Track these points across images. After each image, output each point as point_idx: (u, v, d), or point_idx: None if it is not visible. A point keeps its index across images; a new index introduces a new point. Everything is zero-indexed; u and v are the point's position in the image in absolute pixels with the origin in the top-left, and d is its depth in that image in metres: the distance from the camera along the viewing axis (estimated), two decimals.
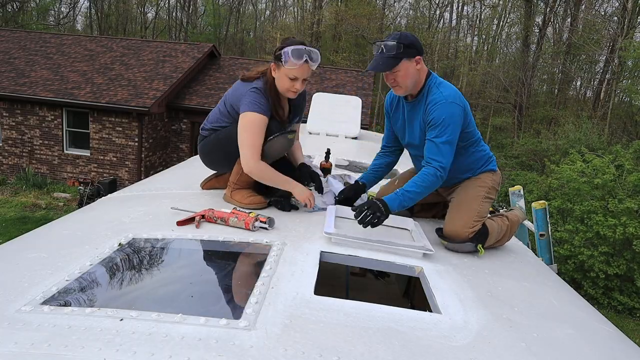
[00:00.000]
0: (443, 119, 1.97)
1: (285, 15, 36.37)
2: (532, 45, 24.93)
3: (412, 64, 2.01)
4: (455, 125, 2.00)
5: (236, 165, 2.25)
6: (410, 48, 1.99)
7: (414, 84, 2.06)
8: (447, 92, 2.01)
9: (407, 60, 2.00)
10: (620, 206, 7.87)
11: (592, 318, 1.71)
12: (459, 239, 2.02)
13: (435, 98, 2.01)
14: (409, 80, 2.03)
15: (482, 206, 2.12)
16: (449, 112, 1.98)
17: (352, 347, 1.14)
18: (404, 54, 1.98)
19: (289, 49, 2.03)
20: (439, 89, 2.03)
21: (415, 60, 2.02)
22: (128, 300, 1.46)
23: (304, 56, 2.03)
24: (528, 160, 16.87)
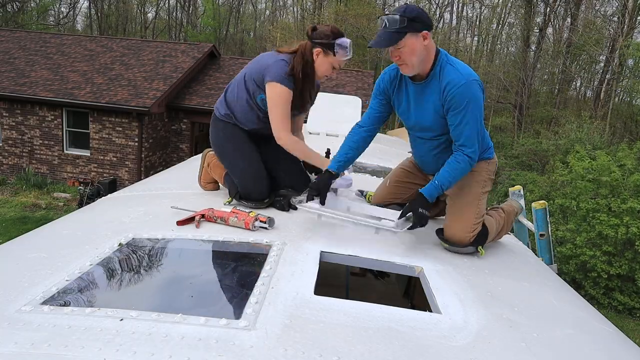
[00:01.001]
0: (467, 101, 1.86)
1: (285, 15, 36.36)
2: (532, 45, 24.92)
3: (418, 39, 1.85)
4: (480, 105, 1.90)
5: None
6: (416, 22, 1.84)
7: (421, 61, 1.90)
8: (466, 71, 1.89)
9: (412, 35, 1.84)
10: (624, 206, 7.86)
11: (592, 318, 1.71)
12: (460, 244, 1.99)
13: (454, 79, 1.87)
14: (416, 57, 1.87)
15: (480, 205, 2.08)
16: (472, 93, 1.86)
17: (352, 347, 1.14)
18: (409, 28, 1.83)
19: (346, 43, 2.17)
20: (455, 67, 1.90)
21: (422, 35, 1.85)
22: (128, 300, 1.46)
23: (350, 50, 2.20)
24: (528, 160, 16.85)
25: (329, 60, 2.22)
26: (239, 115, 2.31)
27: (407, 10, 1.85)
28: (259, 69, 2.21)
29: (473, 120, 1.89)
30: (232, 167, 2.29)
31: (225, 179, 2.38)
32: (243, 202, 2.20)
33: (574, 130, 15.45)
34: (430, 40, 1.89)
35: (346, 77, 15.39)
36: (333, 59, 2.21)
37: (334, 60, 2.22)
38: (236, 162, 2.27)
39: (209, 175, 2.51)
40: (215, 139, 2.38)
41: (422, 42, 1.87)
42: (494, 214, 2.17)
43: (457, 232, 1.99)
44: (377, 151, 4.62)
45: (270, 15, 38.81)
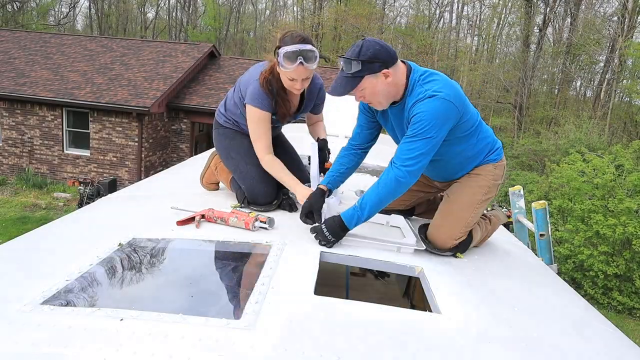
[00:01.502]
0: (422, 117, 1.70)
1: (285, 15, 36.37)
2: (532, 45, 24.92)
3: (378, 79, 1.75)
4: (438, 124, 1.70)
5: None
6: (373, 62, 1.71)
7: (388, 98, 1.82)
8: (431, 87, 1.74)
9: (371, 77, 1.74)
10: (620, 206, 7.87)
11: (592, 318, 1.71)
12: (442, 248, 1.91)
13: (416, 96, 1.76)
14: (380, 96, 1.80)
15: (475, 212, 1.96)
16: (430, 109, 1.70)
17: (352, 347, 1.14)
18: (365, 71, 1.73)
19: (282, 51, 1.95)
20: (423, 86, 1.76)
21: (383, 74, 1.74)
22: (128, 300, 1.46)
23: (298, 59, 1.94)
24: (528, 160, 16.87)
25: (282, 72, 2.04)
26: (240, 123, 2.31)
27: (362, 51, 1.72)
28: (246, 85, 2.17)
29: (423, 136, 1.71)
30: (238, 172, 2.28)
31: (232, 184, 2.38)
32: (252, 207, 2.19)
33: (573, 131, 15.46)
34: (394, 74, 1.77)
35: None
36: (281, 70, 2.02)
37: (283, 72, 2.03)
38: (241, 167, 2.26)
39: (214, 177, 2.51)
40: (219, 145, 2.38)
41: (384, 80, 1.76)
42: (481, 224, 2.08)
43: (441, 236, 1.91)
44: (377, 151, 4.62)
45: (271, 15, 38.81)
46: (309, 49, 1.96)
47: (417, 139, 1.72)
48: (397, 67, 1.80)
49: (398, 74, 1.80)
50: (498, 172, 2.01)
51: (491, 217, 2.19)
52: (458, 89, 1.79)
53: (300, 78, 2.03)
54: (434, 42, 27.51)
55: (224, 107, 2.36)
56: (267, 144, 2.17)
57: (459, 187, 2.01)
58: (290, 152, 2.52)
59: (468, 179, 2.01)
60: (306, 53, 1.95)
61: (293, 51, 1.94)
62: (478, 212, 2.00)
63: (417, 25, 29.77)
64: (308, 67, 2.00)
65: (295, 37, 1.98)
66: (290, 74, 2.01)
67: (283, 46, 1.97)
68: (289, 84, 2.08)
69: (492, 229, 2.18)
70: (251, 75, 2.18)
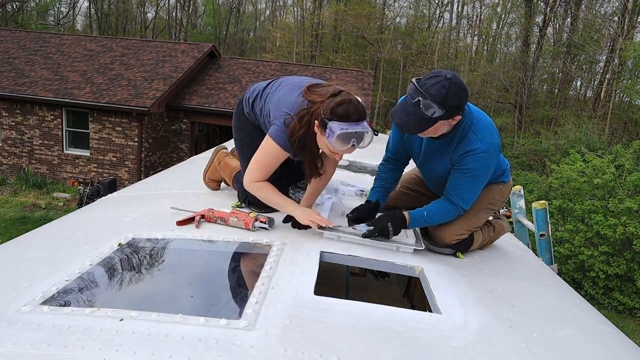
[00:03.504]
0: (477, 171, 1.81)
1: (285, 15, 36.37)
2: (532, 45, 24.93)
3: (448, 122, 1.71)
4: (487, 175, 1.87)
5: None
6: (453, 109, 1.64)
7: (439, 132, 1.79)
8: (487, 140, 1.77)
9: (443, 122, 1.69)
10: (621, 206, 7.87)
11: (592, 318, 1.71)
12: (442, 243, 1.96)
13: (474, 148, 1.76)
14: (438, 132, 1.76)
15: (478, 216, 2.02)
16: (486, 165, 1.82)
17: (352, 347, 1.14)
18: (445, 117, 1.65)
19: (337, 131, 1.69)
20: (478, 135, 1.76)
21: (454, 119, 1.71)
22: (128, 300, 1.46)
23: (352, 141, 1.72)
24: (528, 160, 16.88)
25: (323, 140, 1.79)
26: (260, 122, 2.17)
27: (447, 97, 1.60)
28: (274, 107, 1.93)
29: (477, 186, 1.87)
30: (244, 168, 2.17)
31: (234, 180, 2.34)
32: (252, 207, 2.16)
33: (573, 131, 15.46)
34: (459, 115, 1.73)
35: (346, 77, 15.39)
36: (325, 140, 1.77)
37: (327, 143, 1.77)
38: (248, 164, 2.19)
39: (217, 174, 2.48)
40: (237, 134, 2.23)
41: (451, 122, 1.72)
42: (484, 229, 2.12)
43: (442, 231, 1.95)
44: (377, 151, 4.62)
45: (270, 15, 38.84)
46: (364, 130, 1.72)
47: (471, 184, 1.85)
48: None
49: None
50: (505, 190, 2.12)
51: (495, 225, 2.21)
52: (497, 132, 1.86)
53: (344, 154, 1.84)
54: (433, 42, 27.52)
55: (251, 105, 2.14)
56: (264, 176, 1.97)
57: None
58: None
59: None
60: (361, 135, 1.73)
61: (350, 133, 1.70)
62: (481, 216, 2.04)
63: (416, 25, 29.77)
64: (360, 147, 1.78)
65: (352, 113, 1.72)
66: (333, 149, 1.79)
67: (335, 120, 1.72)
68: (327, 152, 1.87)
69: (495, 236, 2.19)
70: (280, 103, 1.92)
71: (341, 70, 16.84)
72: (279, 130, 1.87)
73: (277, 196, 1.97)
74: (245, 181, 1.98)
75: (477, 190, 1.90)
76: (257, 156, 1.95)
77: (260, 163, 1.94)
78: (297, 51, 28.14)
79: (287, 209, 1.98)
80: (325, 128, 1.73)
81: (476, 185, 1.88)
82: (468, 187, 1.87)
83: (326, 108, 1.75)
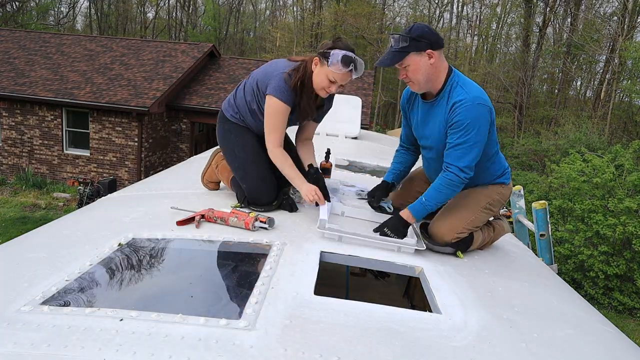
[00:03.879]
0: (468, 122, 1.84)
1: (285, 15, 36.37)
2: (532, 45, 24.93)
3: (422, 57, 1.87)
4: (482, 128, 1.86)
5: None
6: (419, 41, 1.85)
7: (427, 79, 1.92)
8: (475, 93, 1.87)
9: (415, 54, 1.87)
10: (620, 206, 7.87)
11: (592, 318, 1.71)
12: (441, 241, 1.96)
13: (461, 98, 1.87)
14: (420, 75, 1.90)
15: (477, 216, 2.03)
16: (476, 114, 1.84)
17: (352, 347, 1.14)
18: (411, 47, 1.86)
19: (339, 53, 1.99)
20: (464, 88, 1.89)
21: (427, 53, 1.87)
22: (128, 300, 1.46)
23: (351, 65, 2.00)
24: (528, 160, 16.88)
25: (324, 70, 2.07)
26: (247, 119, 2.28)
27: (412, 30, 1.88)
28: (265, 78, 2.16)
29: (471, 142, 1.86)
30: (241, 170, 2.25)
31: (232, 183, 2.36)
32: (252, 207, 2.18)
33: (572, 131, 15.46)
34: (437, 59, 1.89)
35: None
36: (327, 70, 2.05)
37: (327, 71, 2.06)
38: (246, 166, 2.24)
39: (214, 175, 2.50)
40: (224, 140, 2.33)
41: (427, 60, 1.88)
42: (484, 229, 2.13)
43: (442, 228, 1.97)
44: (377, 151, 4.63)
45: (270, 15, 38.83)
46: (360, 60, 2.03)
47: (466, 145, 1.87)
48: (441, 56, 1.93)
49: (441, 62, 1.92)
50: (505, 192, 2.13)
51: (496, 225, 2.21)
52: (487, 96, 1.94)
53: (340, 82, 2.08)
54: None
55: (233, 99, 2.32)
56: (280, 137, 2.16)
57: (466, 192, 2.09)
58: (292, 150, 2.49)
59: (475, 188, 2.11)
60: (357, 62, 2.02)
61: (350, 56, 2.00)
62: (481, 216, 2.05)
63: None
64: (353, 76, 2.06)
65: (349, 46, 2.06)
66: (336, 76, 2.04)
67: (338, 49, 2.02)
68: (324, 84, 2.09)
69: (495, 237, 2.20)
70: (272, 69, 2.16)
71: None
72: (277, 85, 2.08)
73: (291, 169, 2.15)
74: (269, 148, 2.17)
75: (471, 149, 1.87)
76: (266, 122, 2.15)
77: (271, 126, 2.14)
78: (297, 51, 28.13)
79: (295, 182, 2.15)
80: (327, 58, 2.02)
81: (469, 142, 1.86)
82: (461, 145, 1.87)
83: (324, 45, 2.07)
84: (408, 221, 1.94)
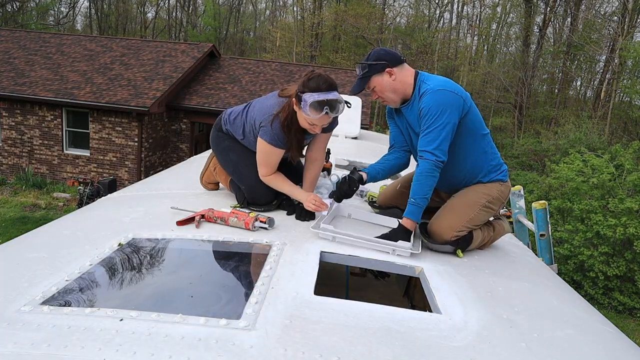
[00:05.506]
0: (431, 107, 1.90)
1: (285, 15, 36.37)
2: (532, 45, 24.93)
3: (384, 77, 2.01)
4: (449, 111, 1.89)
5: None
6: (377, 63, 1.99)
7: (395, 93, 2.03)
8: (436, 82, 1.96)
9: (377, 76, 2.01)
10: (621, 206, 7.87)
11: (592, 318, 1.71)
12: (441, 239, 1.97)
13: (424, 90, 1.97)
14: (387, 92, 2.03)
15: (477, 214, 2.03)
16: (439, 99, 1.89)
17: (352, 347, 1.14)
18: (371, 71, 2.01)
19: (309, 99, 1.90)
20: (427, 82, 2.00)
21: (387, 72, 2.00)
22: (128, 300, 1.46)
23: (325, 109, 1.91)
24: (528, 160, 16.88)
25: (301, 114, 1.99)
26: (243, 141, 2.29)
27: (369, 57, 2.03)
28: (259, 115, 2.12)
29: (438, 125, 1.89)
30: (237, 173, 2.27)
31: (231, 184, 2.37)
32: (251, 207, 2.19)
33: (572, 131, 15.46)
34: (398, 73, 2.01)
35: (346, 77, 15.39)
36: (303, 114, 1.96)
37: (304, 115, 1.96)
38: (241, 168, 2.25)
39: (213, 177, 2.51)
40: (218, 146, 2.35)
41: (389, 78, 2.02)
42: (484, 229, 2.13)
43: (442, 226, 1.98)
44: (377, 151, 4.62)
45: (270, 15, 38.82)
46: (335, 98, 1.93)
47: (433, 129, 1.91)
48: (403, 67, 2.04)
49: (403, 73, 2.03)
50: (503, 190, 2.14)
51: (496, 225, 2.21)
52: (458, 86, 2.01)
53: (321, 124, 2.02)
54: (433, 42, 27.51)
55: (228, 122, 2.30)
56: (270, 171, 2.16)
57: (465, 190, 2.12)
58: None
59: (474, 186, 2.12)
60: (333, 103, 1.92)
61: (319, 101, 1.90)
62: (480, 215, 2.05)
63: (416, 25, 29.77)
64: (332, 116, 1.97)
65: (322, 83, 1.93)
66: (313, 120, 1.97)
67: (308, 92, 1.92)
68: (307, 127, 2.05)
69: (494, 237, 2.20)
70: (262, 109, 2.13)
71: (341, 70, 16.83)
72: (267, 131, 2.07)
73: (287, 185, 2.17)
74: (261, 175, 2.18)
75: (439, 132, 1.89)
76: (258, 158, 2.16)
77: (262, 162, 2.16)
78: (297, 51, 28.14)
79: (295, 195, 2.16)
80: (301, 101, 1.94)
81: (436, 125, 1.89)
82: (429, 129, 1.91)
83: (300, 84, 1.99)
84: (409, 228, 1.93)
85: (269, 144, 2.08)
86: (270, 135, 2.07)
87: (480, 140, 2.06)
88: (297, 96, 1.97)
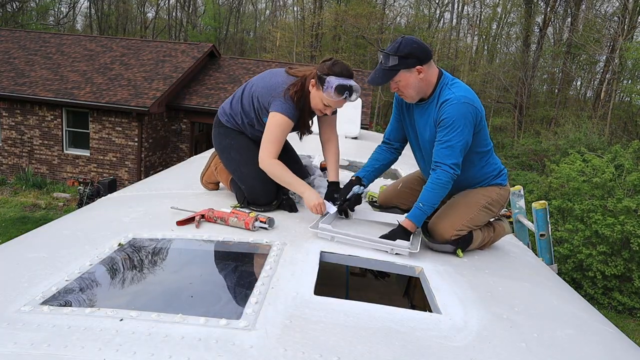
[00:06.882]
0: (454, 119, 1.87)
1: (285, 15, 36.36)
2: (532, 45, 24.92)
3: (412, 74, 1.92)
4: (468, 126, 1.89)
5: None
6: (408, 58, 1.89)
7: (419, 92, 1.98)
8: (461, 92, 1.91)
9: (405, 72, 1.92)
10: (619, 205, 7.87)
11: (592, 318, 1.71)
12: (441, 238, 1.97)
13: (448, 97, 1.91)
14: (412, 90, 1.95)
15: (477, 214, 2.04)
16: (461, 112, 1.87)
17: (352, 347, 1.14)
18: (401, 65, 1.90)
19: (334, 82, 2.00)
20: (452, 89, 1.94)
21: (417, 69, 1.92)
22: (128, 300, 1.46)
23: (345, 93, 2.02)
24: (528, 160, 16.88)
25: (319, 94, 2.09)
26: (244, 127, 2.30)
27: (400, 48, 1.90)
28: (266, 92, 2.15)
29: (457, 139, 1.89)
30: (238, 172, 2.27)
31: (232, 184, 2.37)
32: (252, 207, 2.19)
33: (572, 131, 15.46)
34: (427, 71, 1.94)
35: None
36: (322, 95, 2.07)
37: (322, 96, 2.07)
38: (242, 167, 2.25)
39: (214, 177, 2.51)
40: (219, 144, 2.35)
41: (417, 76, 1.93)
42: (484, 229, 2.13)
43: (442, 225, 1.98)
44: None
45: (270, 15, 38.81)
46: (356, 86, 2.05)
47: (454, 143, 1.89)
48: (431, 66, 1.96)
49: (430, 72, 1.96)
50: (503, 193, 2.14)
51: (496, 225, 2.21)
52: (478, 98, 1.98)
53: (335, 107, 2.12)
54: (434, 42, 27.50)
55: (229, 108, 2.32)
56: (278, 150, 2.14)
57: (465, 192, 2.13)
58: (289, 150, 2.50)
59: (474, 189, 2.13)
60: (352, 89, 2.03)
61: (345, 85, 2.01)
62: (480, 215, 2.06)
63: (417, 25, 29.75)
64: (348, 101, 2.08)
65: (345, 70, 2.05)
66: (330, 102, 2.07)
67: (335, 75, 2.03)
68: (319, 107, 2.13)
69: (495, 237, 2.20)
70: (272, 83, 2.16)
71: None
72: (283, 103, 2.09)
73: (289, 175, 2.12)
74: (262, 158, 2.12)
75: (458, 146, 1.89)
76: (266, 134, 2.12)
77: (272, 138, 2.11)
78: (297, 51, 28.13)
79: (296, 189, 2.13)
80: (323, 83, 2.03)
81: (456, 139, 1.88)
82: (448, 142, 1.89)
83: (322, 67, 2.06)
84: (410, 230, 1.93)
85: (282, 114, 2.08)
86: (285, 107, 2.09)
87: (485, 154, 2.09)
88: (319, 78, 2.04)
